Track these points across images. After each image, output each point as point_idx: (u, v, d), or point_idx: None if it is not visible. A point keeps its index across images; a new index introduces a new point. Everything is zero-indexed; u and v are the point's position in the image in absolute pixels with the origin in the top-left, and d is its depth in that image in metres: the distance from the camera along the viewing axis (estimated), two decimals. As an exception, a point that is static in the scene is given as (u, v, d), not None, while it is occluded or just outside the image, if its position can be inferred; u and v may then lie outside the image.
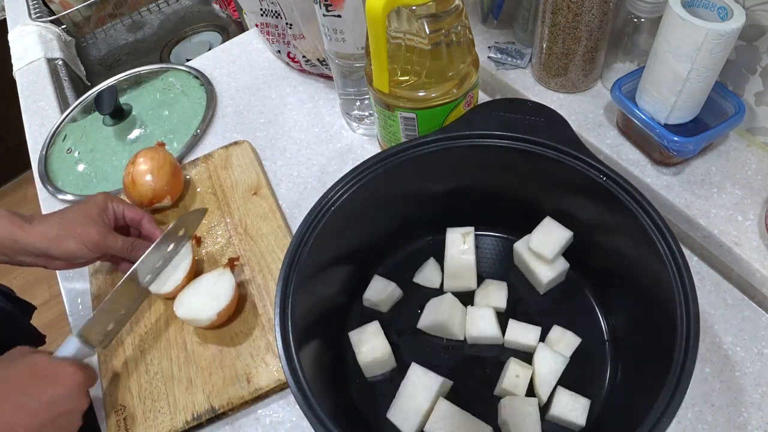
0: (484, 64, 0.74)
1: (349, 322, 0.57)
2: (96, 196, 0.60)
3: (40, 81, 0.96)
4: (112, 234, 0.58)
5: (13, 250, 0.54)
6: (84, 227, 0.56)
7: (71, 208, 0.58)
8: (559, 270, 0.55)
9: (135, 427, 0.53)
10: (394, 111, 0.57)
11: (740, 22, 0.49)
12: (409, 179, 0.55)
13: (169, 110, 0.84)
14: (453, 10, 0.51)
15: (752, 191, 0.58)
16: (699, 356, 0.39)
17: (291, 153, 0.75)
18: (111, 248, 0.57)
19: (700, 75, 0.53)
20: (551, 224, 0.54)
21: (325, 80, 0.83)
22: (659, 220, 0.45)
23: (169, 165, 0.68)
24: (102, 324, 0.53)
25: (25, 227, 0.54)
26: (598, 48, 0.65)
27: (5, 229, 0.54)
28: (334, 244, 0.52)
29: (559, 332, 0.53)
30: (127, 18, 1.29)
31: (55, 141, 0.84)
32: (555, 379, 0.50)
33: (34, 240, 0.54)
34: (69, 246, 0.55)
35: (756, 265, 0.53)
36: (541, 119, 0.53)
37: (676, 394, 0.37)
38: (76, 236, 0.55)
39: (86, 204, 0.59)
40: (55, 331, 1.68)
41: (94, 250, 0.56)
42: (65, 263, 0.57)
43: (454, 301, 0.54)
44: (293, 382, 0.41)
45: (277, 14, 0.74)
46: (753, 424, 0.48)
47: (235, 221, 0.67)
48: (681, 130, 0.57)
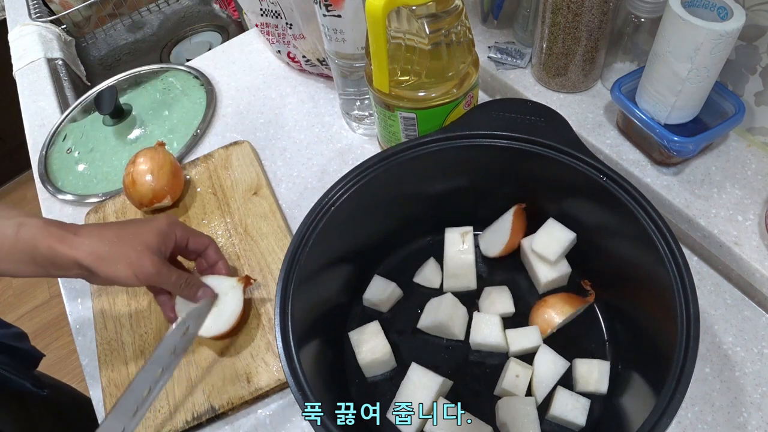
0: (484, 64, 0.74)
1: (349, 322, 0.57)
2: (159, 219, 0.54)
3: (40, 81, 0.96)
4: (167, 267, 0.52)
5: (53, 264, 0.48)
6: (139, 254, 0.50)
7: (129, 228, 0.52)
8: (560, 272, 0.55)
9: (135, 427, 0.53)
10: (394, 111, 0.57)
11: (740, 22, 0.49)
12: (409, 179, 0.55)
13: (169, 110, 0.84)
14: (453, 10, 0.51)
15: (752, 191, 0.58)
16: (699, 356, 0.39)
17: (291, 153, 0.75)
18: (163, 283, 0.52)
19: (699, 75, 0.53)
20: (554, 226, 0.54)
21: (325, 80, 0.83)
22: (659, 220, 0.45)
23: (169, 165, 0.68)
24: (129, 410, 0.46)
25: (69, 239, 0.48)
26: (598, 48, 0.65)
27: (44, 242, 0.48)
28: (334, 244, 0.52)
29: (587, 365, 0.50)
30: (127, 18, 1.29)
31: (55, 141, 0.84)
32: (554, 381, 0.50)
33: (80, 256, 0.48)
34: (118, 270, 0.49)
35: (756, 265, 0.53)
36: (541, 119, 0.53)
37: (676, 394, 0.37)
38: (128, 262, 0.49)
39: (147, 226, 0.53)
40: (55, 331, 1.69)
41: (144, 282, 0.51)
42: (106, 282, 0.51)
43: (454, 301, 0.54)
44: (293, 382, 0.41)
45: (277, 14, 0.74)
46: (753, 424, 0.48)
47: (235, 221, 0.67)
48: (681, 130, 0.57)
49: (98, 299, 0.64)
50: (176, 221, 0.56)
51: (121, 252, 0.49)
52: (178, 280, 0.52)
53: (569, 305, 0.53)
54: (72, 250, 0.48)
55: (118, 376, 0.57)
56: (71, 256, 0.48)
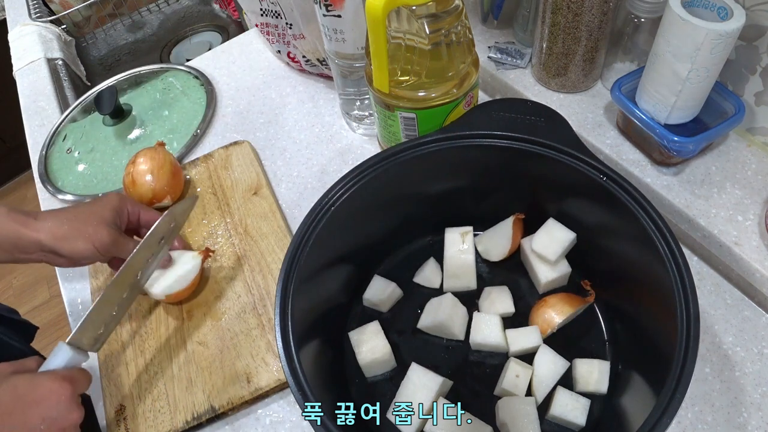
0: (484, 64, 0.74)
1: (349, 322, 0.57)
2: (110, 196, 0.59)
3: (40, 81, 0.96)
4: (124, 237, 0.56)
5: (16, 247, 0.53)
6: (96, 228, 0.54)
7: (83, 207, 0.57)
8: (560, 272, 0.55)
9: (135, 427, 0.53)
10: (394, 111, 0.57)
11: (740, 22, 0.49)
12: (409, 179, 0.55)
13: (169, 110, 0.84)
14: (453, 10, 0.51)
15: (752, 191, 0.58)
16: (699, 356, 0.39)
17: (291, 153, 0.75)
18: (121, 252, 0.56)
19: (700, 75, 0.53)
20: (554, 226, 0.54)
21: (325, 80, 0.83)
22: (659, 221, 0.45)
23: (169, 165, 0.68)
24: (93, 327, 0.51)
25: (30, 224, 0.53)
26: (598, 48, 0.65)
27: (7, 226, 0.52)
28: (334, 244, 0.52)
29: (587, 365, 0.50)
30: (127, 18, 1.29)
31: (55, 141, 0.84)
32: (554, 381, 0.50)
33: (42, 237, 0.52)
34: (78, 246, 0.53)
35: (756, 265, 0.53)
36: (541, 119, 0.53)
37: (676, 394, 0.37)
38: (86, 236, 0.54)
39: (99, 203, 0.57)
40: (55, 331, 1.69)
41: (103, 253, 0.55)
42: (69, 262, 0.55)
43: (454, 301, 0.54)
44: (293, 382, 0.41)
45: (277, 14, 0.74)
46: (753, 424, 0.48)
47: (235, 221, 0.67)
48: (681, 130, 0.57)
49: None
50: (126, 197, 0.60)
51: (79, 229, 0.54)
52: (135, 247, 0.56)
53: (569, 305, 0.53)
54: (34, 233, 0.52)
55: (118, 376, 0.57)
56: (34, 237, 0.52)
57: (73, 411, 0.45)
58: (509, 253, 0.57)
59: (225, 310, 0.60)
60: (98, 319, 0.52)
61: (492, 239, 0.58)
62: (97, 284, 0.65)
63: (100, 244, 0.54)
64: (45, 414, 0.44)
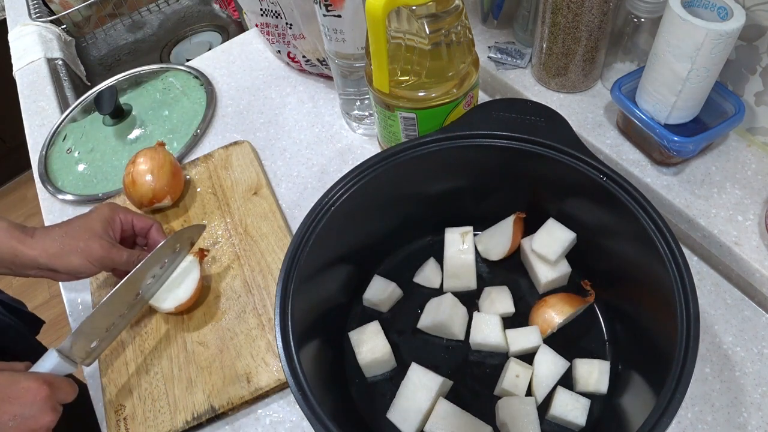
0: (484, 64, 0.74)
1: (349, 322, 0.57)
2: (101, 207, 0.59)
3: (40, 81, 0.96)
4: (117, 248, 0.56)
5: (16, 264, 0.53)
6: (87, 242, 0.54)
7: (74, 221, 0.57)
8: (560, 272, 0.55)
9: (135, 427, 0.53)
10: (394, 111, 0.57)
11: (740, 22, 0.49)
12: (409, 179, 0.55)
13: (169, 110, 0.84)
14: (453, 10, 0.51)
15: (752, 191, 0.58)
16: (699, 356, 0.39)
17: (291, 153, 0.75)
18: (116, 263, 0.56)
19: (700, 75, 0.53)
20: (554, 226, 0.54)
21: (325, 80, 0.83)
22: (659, 220, 0.45)
23: (169, 165, 0.68)
24: (85, 340, 0.51)
25: (26, 241, 0.53)
26: (598, 48, 0.65)
27: (5, 243, 0.52)
28: (334, 244, 0.52)
29: (587, 365, 0.50)
30: (127, 18, 1.29)
31: (55, 141, 0.84)
32: (554, 381, 0.50)
33: (36, 255, 0.53)
34: (72, 262, 0.54)
35: (756, 265, 0.53)
36: (541, 119, 0.53)
37: (676, 394, 0.37)
38: (78, 251, 0.54)
39: (90, 217, 0.57)
40: (56, 331, 1.69)
41: (98, 266, 0.55)
42: (69, 277, 0.56)
43: (454, 301, 0.54)
44: (293, 382, 0.41)
45: (277, 14, 0.74)
46: (753, 424, 0.48)
47: (235, 221, 0.67)
48: (681, 130, 0.57)
49: (98, 299, 0.64)
50: (118, 206, 0.60)
51: (71, 244, 0.54)
52: (129, 258, 0.57)
53: (569, 305, 0.53)
54: (30, 251, 0.53)
55: (118, 376, 0.57)
56: (31, 256, 0.53)
57: (46, 413, 0.44)
58: (509, 252, 0.57)
59: (225, 310, 0.60)
60: (91, 333, 0.51)
61: (492, 238, 0.58)
62: (98, 285, 0.65)
63: (93, 257, 0.54)
64: (17, 411, 0.43)
